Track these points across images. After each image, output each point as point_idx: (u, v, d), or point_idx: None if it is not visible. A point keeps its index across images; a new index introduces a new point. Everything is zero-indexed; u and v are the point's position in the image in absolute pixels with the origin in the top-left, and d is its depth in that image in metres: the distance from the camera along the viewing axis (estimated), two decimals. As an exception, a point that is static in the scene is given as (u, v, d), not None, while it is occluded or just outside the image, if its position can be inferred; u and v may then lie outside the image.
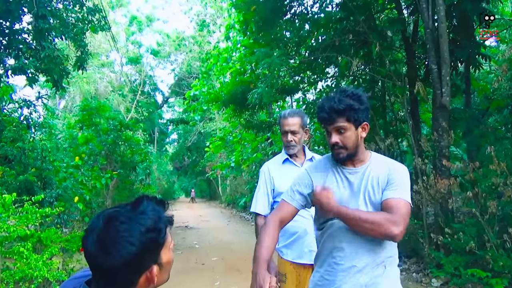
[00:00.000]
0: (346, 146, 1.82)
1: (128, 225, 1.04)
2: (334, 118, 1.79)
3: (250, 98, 7.32)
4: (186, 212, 20.64)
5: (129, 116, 24.37)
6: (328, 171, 1.95)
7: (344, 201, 1.84)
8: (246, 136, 14.06)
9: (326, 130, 1.86)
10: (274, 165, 2.77)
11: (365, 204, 1.82)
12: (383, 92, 7.68)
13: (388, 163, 1.87)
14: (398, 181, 1.79)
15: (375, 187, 1.82)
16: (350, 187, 1.88)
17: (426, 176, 5.64)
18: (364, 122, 1.84)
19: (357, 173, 1.88)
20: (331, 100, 1.79)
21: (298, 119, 2.68)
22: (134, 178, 13.87)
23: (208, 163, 23.86)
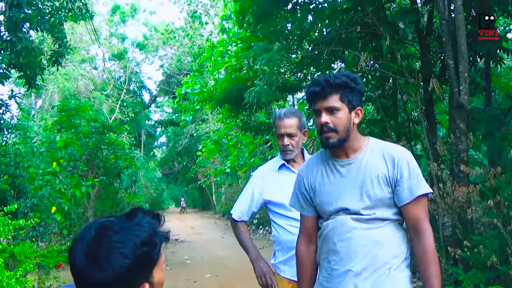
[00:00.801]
0: (336, 129, 1.82)
1: (122, 236, 1.04)
2: (327, 93, 1.81)
3: (247, 97, 7.34)
4: (176, 223, 20.60)
5: (112, 117, 24.37)
6: (319, 165, 1.97)
7: (337, 197, 1.86)
8: (243, 139, 14.06)
9: (315, 110, 1.87)
10: (269, 172, 2.76)
11: (361, 200, 1.82)
12: (394, 90, 7.70)
13: (388, 151, 1.86)
14: (408, 173, 1.80)
15: (374, 181, 1.82)
16: (343, 181, 1.87)
17: (442, 183, 5.65)
18: (358, 107, 1.86)
19: (349, 165, 1.88)
20: (326, 75, 1.84)
21: (295, 119, 2.65)
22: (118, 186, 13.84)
23: (201, 169, 23.84)
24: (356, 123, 1.88)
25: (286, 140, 2.64)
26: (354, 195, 1.83)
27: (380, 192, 1.80)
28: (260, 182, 2.73)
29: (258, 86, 7.22)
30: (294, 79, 8.66)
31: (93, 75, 27.57)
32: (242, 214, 2.75)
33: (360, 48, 6.90)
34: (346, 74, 1.84)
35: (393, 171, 1.81)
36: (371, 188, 1.81)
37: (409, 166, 1.80)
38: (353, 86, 1.82)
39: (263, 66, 7.42)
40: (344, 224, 1.84)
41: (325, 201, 1.91)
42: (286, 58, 7.09)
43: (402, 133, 7.56)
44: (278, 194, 2.64)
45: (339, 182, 1.88)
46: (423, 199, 1.80)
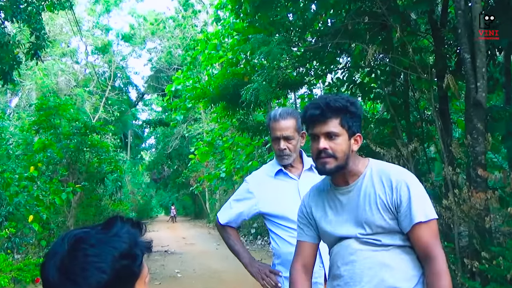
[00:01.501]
0: (335, 154, 1.87)
1: (99, 248, 1.03)
2: (327, 117, 1.85)
3: (244, 94, 7.33)
4: (166, 233, 20.58)
5: (96, 117, 24.35)
6: (321, 194, 2.05)
7: (338, 227, 1.92)
8: (239, 141, 14.06)
9: (312, 135, 1.91)
10: (265, 178, 2.74)
11: (362, 228, 1.86)
12: (405, 86, 7.71)
13: (387, 175, 1.90)
14: (408, 198, 1.82)
15: (373, 208, 1.86)
16: (343, 211, 1.94)
17: (458, 189, 5.66)
18: (358, 133, 1.92)
19: (349, 193, 1.94)
20: (326, 98, 1.88)
21: (292, 121, 2.63)
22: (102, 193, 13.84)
23: (193, 174, 23.84)
24: (355, 150, 1.94)
25: (283, 143, 2.62)
26: (355, 224, 1.88)
27: (380, 220, 1.83)
28: (254, 190, 2.70)
29: (256, 82, 7.21)
30: (295, 74, 8.66)
31: (74, 70, 27.55)
32: (229, 221, 2.76)
33: (368, 41, 6.91)
34: (345, 97, 1.89)
35: (391, 196, 1.84)
36: (370, 215, 1.85)
37: (409, 190, 1.82)
38: (354, 111, 1.87)
39: (262, 60, 7.42)
40: (348, 247, 1.89)
41: (327, 231, 1.98)
42: (287, 52, 7.09)
43: (414, 134, 7.57)
44: (277, 204, 2.63)
45: (340, 212, 1.94)
46: (430, 224, 1.81)
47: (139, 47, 32.21)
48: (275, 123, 2.64)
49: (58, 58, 25.89)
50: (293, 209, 2.33)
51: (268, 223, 2.73)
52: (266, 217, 2.71)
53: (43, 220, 7.06)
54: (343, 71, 8.79)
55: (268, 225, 2.74)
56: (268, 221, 2.72)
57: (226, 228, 2.76)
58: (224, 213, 2.77)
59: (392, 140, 6.49)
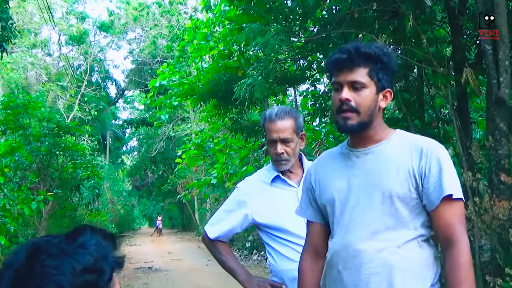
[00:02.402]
0: (358, 108, 1.82)
1: (58, 260, 1.01)
2: (354, 64, 1.80)
3: (238, 91, 7.34)
4: (150, 247, 20.54)
5: (70, 116, 24.30)
6: (331, 158, 2.00)
7: (352, 198, 1.85)
8: (233, 143, 14.06)
9: (335, 84, 1.87)
10: (259, 185, 2.71)
11: (382, 200, 1.80)
12: (419, 82, 7.72)
13: (416, 142, 1.86)
14: (439, 167, 1.78)
15: (393, 171, 1.81)
16: (359, 175, 1.87)
17: (478, 197, 5.67)
18: (388, 89, 1.88)
19: (366, 155, 1.88)
20: (356, 43, 1.83)
21: (290, 121, 2.60)
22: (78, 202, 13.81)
23: (180, 180, 23.81)
24: (383, 107, 1.91)
25: (280, 147, 2.59)
26: (366, 192, 1.83)
27: (399, 186, 1.78)
28: (247, 199, 2.67)
29: (251, 77, 7.22)
30: (296, 68, 8.68)
31: (46, 63, 27.49)
32: (219, 235, 2.72)
33: (377, 30, 6.92)
34: (380, 46, 1.86)
35: (419, 163, 1.79)
36: (386, 180, 1.80)
37: (440, 160, 1.79)
38: (386, 61, 1.82)
39: (257, 52, 7.43)
40: (349, 247, 1.83)
41: (329, 199, 1.93)
42: (285, 43, 7.09)
43: (429, 135, 7.58)
44: (274, 215, 2.61)
45: (355, 179, 1.87)
46: (458, 203, 1.77)
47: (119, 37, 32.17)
48: (270, 123, 2.61)
49: (27, 50, 25.84)
50: (293, 221, 2.30)
51: (263, 235, 2.70)
52: (262, 229, 2.68)
53: (10, 232, 7.03)
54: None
55: (264, 238, 2.70)
56: (263, 233, 2.69)
57: (216, 243, 2.73)
58: (213, 226, 2.73)
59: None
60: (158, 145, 28.43)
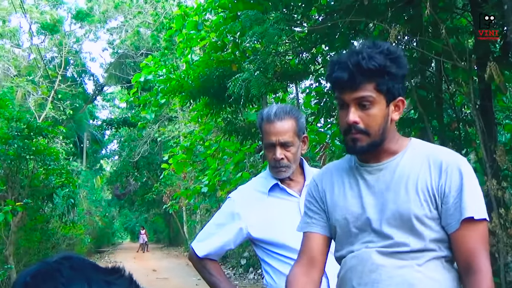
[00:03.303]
0: (368, 130, 1.82)
1: None
2: (358, 82, 1.79)
3: (232, 87, 7.33)
4: (132, 265, 20.46)
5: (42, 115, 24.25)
6: (340, 172, 2.00)
7: (363, 219, 1.87)
8: (226, 146, 14.04)
9: (340, 102, 1.87)
10: (255, 195, 2.69)
11: (400, 221, 1.81)
12: (438, 77, 7.74)
13: (435, 155, 1.86)
14: (460, 185, 1.78)
15: (411, 190, 1.81)
16: (373, 194, 1.88)
17: (504, 208, 5.68)
18: (399, 97, 1.87)
19: (380, 171, 1.89)
20: (357, 54, 1.80)
21: (291, 122, 2.58)
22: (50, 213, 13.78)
23: (167, 189, 23.77)
24: (396, 119, 1.91)
25: (279, 152, 2.56)
26: (381, 211, 1.84)
27: (418, 207, 1.79)
28: (241, 210, 2.65)
29: (247, 72, 7.22)
30: (298, 62, 8.68)
31: (15, 55, 27.45)
32: (209, 253, 2.70)
33: (390, 19, 6.93)
34: (384, 50, 1.82)
35: (438, 180, 1.80)
36: (405, 201, 1.80)
37: (462, 176, 1.78)
38: (395, 72, 1.81)
39: (254, 43, 7.43)
40: (367, 261, 1.84)
41: (339, 219, 1.94)
42: (286, 33, 7.10)
43: (449, 138, 7.60)
44: (272, 229, 2.59)
45: (363, 195, 1.89)
46: (480, 225, 1.76)
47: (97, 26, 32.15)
48: (269, 125, 2.57)
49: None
50: (293, 235, 2.30)
51: (259, 251, 2.69)
52: (258, 244, 2.67)
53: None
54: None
55: (260, 254, 2.69)
56: (259, 249, 2.68)
57: (205, 261, 2.71)
58: (202, 242, 2.72)
59: (420, 145, 6.50)
60: (141, 148, 28.38)
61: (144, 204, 35.54)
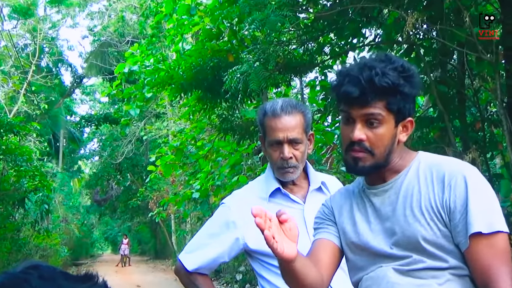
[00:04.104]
0: (373, 150, 1.86)
1: None
2: (368, 100, 1.82)
3: (229, 81, 7.33)
4: (113, 280, 20.45)
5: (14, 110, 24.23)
6: (351, 196, 2.06)
7: (366, 239, 1.92)
8: (221, 146, 14.06)
9: (345, 116, 1.91)
10: (253, 201, 2.63)
11: (410, 245, 1.84)
12: (460, 71, 7.75)
13: (438, 167, 1.88)
14: (465, 197, 1.78)
15: (416, 211, 1.84)
16: (379, 218, 1.93)
17: (534, 219, 5.68)
18: (409, 118, 1.92)
19: (385, 192, 1.94)
20: (370, 69, 1.83)
21: (299, 117, 2.58)
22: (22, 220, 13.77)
23: (154, 194, 23.75)
24: (403, 141, 1.94)
25: (288, 150, 2.55)
26: (389, 235, 1.88)
27: (427, 232, 1.81)
28: (237, 218, 2.64)
29: (245, 63, 7.22)
30: (302, 52, 8.68)
31: (-17, 42, 27.45)
32: (200, 266, 2.68)
33: (407, 6, 6.95)
34: (398, 67, 1.84)
35: (442, 195, 1.82)
36: (411, 223, 1.83)
37: (467, 186, 1.79)
38: (407, 91, 1.84)
39: (254, 31, 7.43)
40: (382, 279, 1.87)
41: (349, 243, 2.00)
42: (290, 20, 7.10)
43: (472, 139, 7.60)
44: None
45: (371, 220, 1.94)
46: (495, 239, 1.76)
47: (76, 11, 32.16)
48: (274, 120, 2.55)
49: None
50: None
51: (256, 265, 2.69)
52: (255, 257, 2.67)
53: None
54: (371, 47, 8.82)
55: (257, 268, 2.70)
56: (256, 262, 2.68)
57: (195, 276, 2.68)
58: (191, 254, 2.70)
59: (440, 147, 6.51)
60: (125, 148, 28.35)
61: (128, 211, 35.54)
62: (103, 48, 30.46)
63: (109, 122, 32.28)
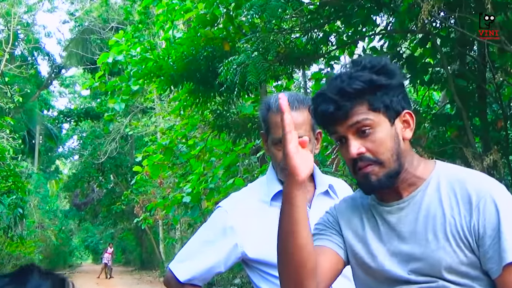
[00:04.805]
0: (378, 159, 1.83)
1: None
2: (346, 109, 1.81)
3: (225, 72, 7.34)
4: (94, 293, 20.55)
5: (-16, 103, 24.27)
6: (360, 211, 2.03)
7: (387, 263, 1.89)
8: (215, 145, 14.07)
9: (336, 138, 1.90)
10: (253, 205, 2.69)
11: (416, 267, 1.83)
12: (481, 64, 7.76)
13: (462, 185, 1.84)
14: (497, 222, 1.75)
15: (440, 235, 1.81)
16: (397, 239, 1.90)
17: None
18: (405, 110, 1.89)
19: (402, 210, 1.90)
20: (335, 80, 1.85)
21: (306, 113, 2.56)
22: (-7, 225, 13.77)
23: (140, 198, 23.78)
24: (408, 137, 1.91)
25: None
26: (406, 260, 1.86)
27: (452, 259, 1.79)
28: (235, 224, 2.64)
29: (243, 54, 7.23)
30: (306, 41, 8.69)
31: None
32: (193, 276, 2.67)
33: (422, -10, 6.95)
34: (368, 65, 1.85)
35: (470, 219, 1.78)
36: (434, 249, 1.80)
37: (498, 210, 1.76)
38: (385, 82, 1.83)
39: (253, 17, 7.44)
40: None
41: (361, 264, 1.97)
42: (293, 5, 7.12)
43: (493, 139, 7.61)
44: (273, 247, 2.57)
45: (386, 239, 1.91)
46: None
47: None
48: (279, 115, 2.56)
49: None
50: None
51: (255, 276, 2.69)
52: (254, 267, 2.67)
53: None
54: (382, 37, 8.84)
55: (256, 280, 2.69)
56: (255, 273, 2.68)
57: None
58: (183, 263, 2.69)
59: (457, 148, 6.52)
60: (108, 147, 28.39)
61: (111, 216, 35.53)
62: (84, 35, 30.49)
63: (91, 118, 32.32)
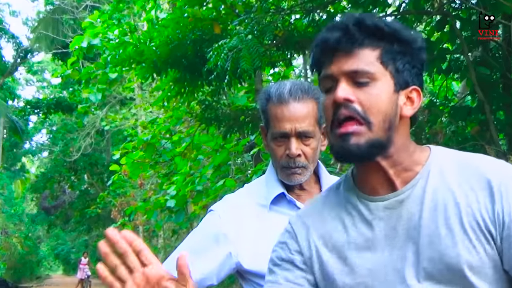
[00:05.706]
0: (368, 117, 1.64)
1: None
2: (355, 42, 1.66)
3: (214, 58, 7.34)
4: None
5: None
6: (339, 211, 1.84)
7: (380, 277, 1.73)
8: (203, 142, 14.06)
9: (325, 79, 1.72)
10: (250, 209, 2.64)
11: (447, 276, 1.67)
12: (505, 50, 7.78)
13: (477, 170, 1.70)
14: None
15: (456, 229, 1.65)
16: (399, 242, 1.72)
17: None
18: (413, 86, 1.73)
19: (400, 205, 1.72)
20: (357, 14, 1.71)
21: (311, 104, 2.52)
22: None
23: (118, 200, 23.80)
24: (408, 115, 1.74)
25: (296, 145, 2.49)
26: (415, 265, 1.70)
27: (472, 255, 1.65)
28: (230, 231, 2.60)
29: (236, 37, 7.23)
30: (308, 22, 8.70)
31: None
32: None
33: (440, -34, 6.96)
34: (398, 24, 1.75)
35: (492, 206, 1.63)
36: (450, 246, 1.65)
37: None
38: (408, 40, 1.71)
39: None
40: None
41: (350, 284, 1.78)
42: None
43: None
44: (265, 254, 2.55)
45: (381, 244, 1.75)
46: None
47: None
48: (281, 106, 2.49)
49: None
50: None
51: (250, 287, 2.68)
52: (249, 279, 2.65)
53: None
54: (395, 18, 8.85)
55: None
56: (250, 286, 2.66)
57: None
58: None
59: (479, 145, 6.52)
60: (82, 142, 28.38)
61: (84, 221, 35.52)
62: (55, 15, 30.43)
63: (62, 110, 32.21)
